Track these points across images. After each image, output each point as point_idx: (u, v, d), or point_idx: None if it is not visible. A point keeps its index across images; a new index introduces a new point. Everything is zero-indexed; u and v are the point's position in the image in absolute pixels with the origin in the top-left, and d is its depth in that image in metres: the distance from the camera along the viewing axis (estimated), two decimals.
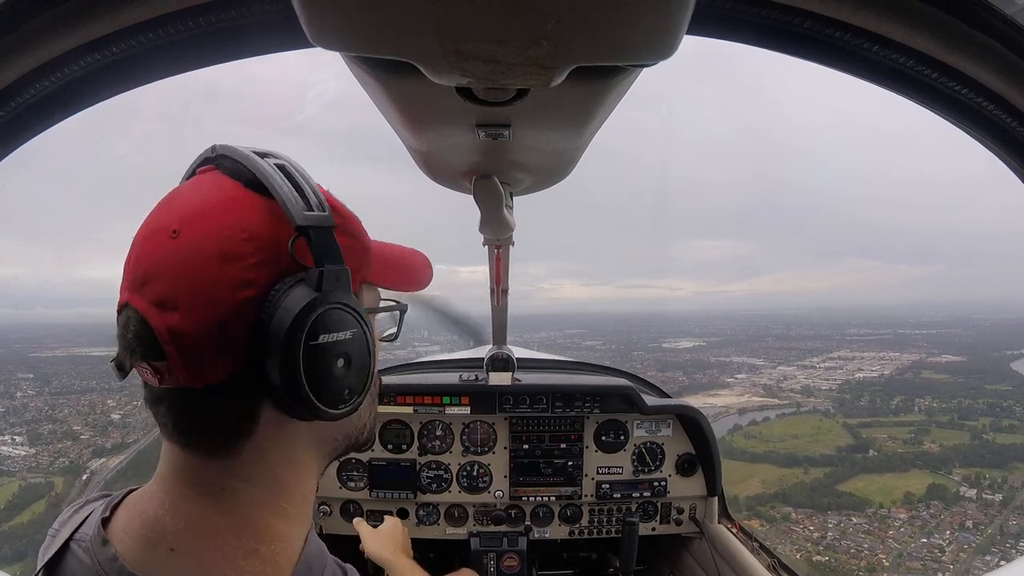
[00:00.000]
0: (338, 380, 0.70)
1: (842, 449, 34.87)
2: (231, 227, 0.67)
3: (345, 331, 0.70)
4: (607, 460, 2.87)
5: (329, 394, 0.69)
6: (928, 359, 47.87)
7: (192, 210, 0.69)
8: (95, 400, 28.70)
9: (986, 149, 0.98)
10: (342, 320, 0.70)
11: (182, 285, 0.66)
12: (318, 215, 0.68)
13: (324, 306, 0.67)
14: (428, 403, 2.80)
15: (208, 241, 0.66)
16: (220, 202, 0.69)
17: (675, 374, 46.19)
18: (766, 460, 33.51)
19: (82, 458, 25.41)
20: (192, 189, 0.72)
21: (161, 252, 0.67)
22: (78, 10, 0.79)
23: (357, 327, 0.72)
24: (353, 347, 0.71)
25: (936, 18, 0.80)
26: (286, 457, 0.76)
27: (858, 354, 51.59)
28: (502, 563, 2.75)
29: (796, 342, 57.93)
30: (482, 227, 1.61)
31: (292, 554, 0.76)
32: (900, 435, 35.60)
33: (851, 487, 29.80)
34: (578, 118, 0.89)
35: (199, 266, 0.66)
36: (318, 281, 0.67)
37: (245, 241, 0.67)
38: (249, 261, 0.67)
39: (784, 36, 0.87)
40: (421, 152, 1.10)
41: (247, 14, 0.85)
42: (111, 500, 0.78)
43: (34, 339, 39.95)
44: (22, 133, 0.94)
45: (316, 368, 0.67)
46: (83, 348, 34.58)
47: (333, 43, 0.63)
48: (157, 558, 0.70)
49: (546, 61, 0.61)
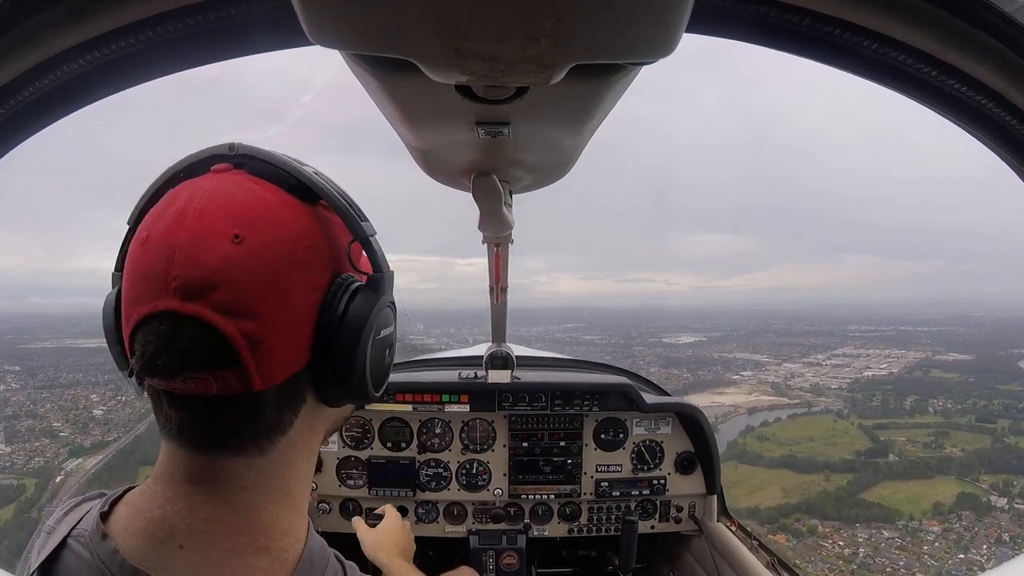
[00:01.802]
0: (387, 368, 0.83)
1: (861, 453, 34.09)
2: (297, 233, 0.71)
3: (392, 325, 0.82)
4: (606, 458, 2.88)
5: (380, 381, 0.81)
6: (935, 357, 47.47)
7: (251, 215, 0.68)
8: (79, 395, 28.07)
9: (985, 147, 0.98)
10: (390, 316, 0.81)
11: (256, 291, 0.66)
12: (369, 224, 0.77)
13: (386, 305, 0.78)
14: (427, 401, 2.80)
15: (275, 247, 0.68)
16: (275, 207, 0.70)
17: (679, 371, 45.80)
18: (784, 465, 32.79)
19: (58, 458, 24.67)
20: (235, 191, 0.69)
21: (225, 257, 0.65)
22: (78, 8, 0.79)
23: (394, 321, 0.83)
24: (394, 339, 0.84)
25: (935, 16, 0.80)
26: (309, 447, 0.82)
27: (863, 351, 51.35)
28: (501, 561, 2.75)
29: (798, 338, 57.76)
30: (481, 225, 1.61)
31: (298, 549, 0.78)
32: (919, 438, 34.86)
33: (877, 496, 28.93)
34: (577, 116, 0.89)
35: (271, 272, 0.67)
36: (379, 283, 0.77)
37: (309, 248, 0.71)
38: (314, 267, 0.72)
39: (783, 34, 0.87)
40: (420, 150, 1.10)
41: (246, 12, 0.85)
42: (109, 497, 0.78)
43: (25, 330, 39.22)
44: (21, 131, 0.94)
45: (376, 360, 0.78)
46: (75, 339, 33.98)
47: (332, 41, 0.63)
48: (165, 555, 0.71)
49: (545, 59, 0.61)
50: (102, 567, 0.71)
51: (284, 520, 0.77)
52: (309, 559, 0.78)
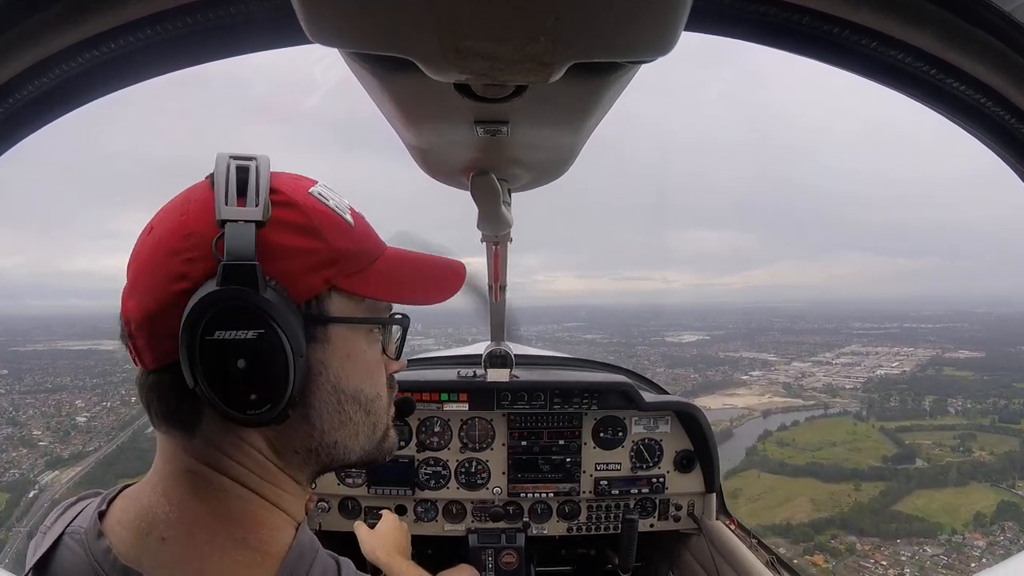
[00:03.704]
0: (237, 382, 0.67)
1: (888, 459, 32.76)
2: (180, 223, 0.71)
3: (246, 330, 0.66)
4: (605, 456, 2.88)
5: (232, 396, 0.67)
6: (945, 355, 46.63)
7: (166, 209, 0.75)
8: (63, 400, 27.03)
9: (984, 146, 0.98)
10: (243, 318, 0.66)
11: (138, 276, 0.73)
12: (241, 209, 0.67)
13: (225, 302, 0.65)
14: (426, 400, 2.80)
15: (165, 236, 0.72)
16: (183, 200, 0.74)
17: (686, 371, 44.63)
18: (809, 474, 31.20)
19: (34, 470, 23.27)
20: (187, 191, 0.76)
21: (138, 246, 0.74)
22: (77, 6, 0.79)
23: (264, 329, 0.67)
24: (258, 349, 0.67)
25: (935, 14, 0.80)
26: (239, 452, 0.75)
27: (871, 349, 50.62)
28: (500, 559, 2.76)
29: (803, 336, 57.07)
30: (480, 224, 1.61)
31: (282, 543, 0.76)
32: (945, 441, 33.44)
33: (911, 506, 27.49)
34: (576, 114, 0.89)
35: (151, 259, 0.72)
36: (220, 276, 0.65)
37: (186, 236, 0.70)
38: (185, 256, 0.69)
39: (782, 32, 0.87)
40: (419, 149, 1.10)
41: (245, 11, 0.85)
42: (107, 494, 0.79)
43: (19, 331, 38.42)
44: (20, 129, 0.94)
45: (211, 365, 0.66)
46: (69, 341, 33.39)
47: (332, 40, 0.63)
48: (149, 547, 0.71)
49: (544, 57, 0.61)
50: (96, 565, 0.71)
51: (255, 513, 0.76)
52: (298, 551, 0.76)
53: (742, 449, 33.67)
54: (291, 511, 0.80)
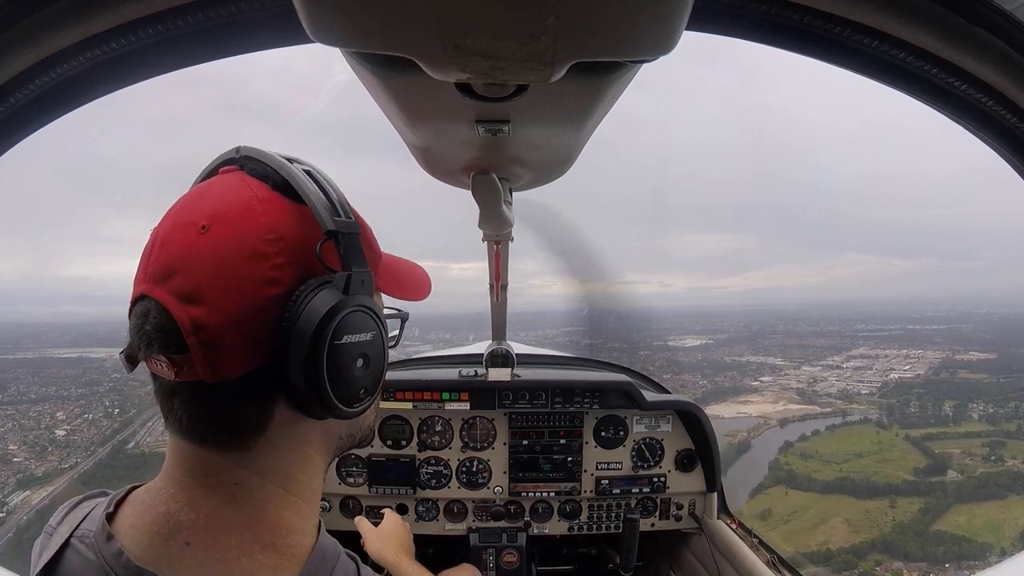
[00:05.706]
0: (356, 380, 0.73)
1: (920, 471, 30.55)
2: (260, 227, 0.70)
3: (366, 333, 0.73)
4: (606, 456, 2.88)
5: (347, 393, 0.72)
6: (956, 357, 44.56)
7: (223, 208, 0.71)
8: (43, 412, 25.25)
9: (985, 144, 0.98)
10: (364, 322, 0.73)
11: (209, 279, 0.68)
12: (346, 220, 0.72)
13: (350, 308, 0.70)
14: (427, 399, 2.80)
15: (237, 239, 0.69)
16: (249, 202, 0.71)
17: (693, 377, 42.52)
18: (840, 490, 29.07)
19: (3, 491, 21.44)
20: (221, 187, 0.74)
21: (189, 246, 0.69)
22: (77, 6, 0.79)
23: (376, 329, 0.75)
24: (372, 348, 0.74)
25: (936, 14, 0.80)
26: (296, 453, 0.78)
27: (879, 352, 49.34)
28: (501, 559, 2.76)
29: (807, 339, 55.87)
30: (481, 223, 1.61)
31: (306, 546, 0.77)
32: (975, 450, 31.42)
33: (952, 524, 25.59)
34: (577, 114, 0.89)
35: (227, 262, 0.68)
36: (346, 284, 0.70)
37: (272, 241, 0.69)
38: (276, 261, 0.69)
39: (783, 32, 0.87)
40: (420, 148, 1.10)
41: (246, 10, 0.85)
42: (114, 496, 0.78)
43: (9, 339, 37.41)
44: (20, 129, 0.94)
45: (338, 368, 0.70)
46: (59, 349, 32.64)
47: (333, 39, 0.63)
48: (171, 553, 0.71)
49: (545, 57, 0.61)
50: (107, 568, 0.70)
51: (288, 519, 0.77)
52: (321, 554, 0.78)
53: (764, 463, 31.72)
54: (315, 510, 0.82)
